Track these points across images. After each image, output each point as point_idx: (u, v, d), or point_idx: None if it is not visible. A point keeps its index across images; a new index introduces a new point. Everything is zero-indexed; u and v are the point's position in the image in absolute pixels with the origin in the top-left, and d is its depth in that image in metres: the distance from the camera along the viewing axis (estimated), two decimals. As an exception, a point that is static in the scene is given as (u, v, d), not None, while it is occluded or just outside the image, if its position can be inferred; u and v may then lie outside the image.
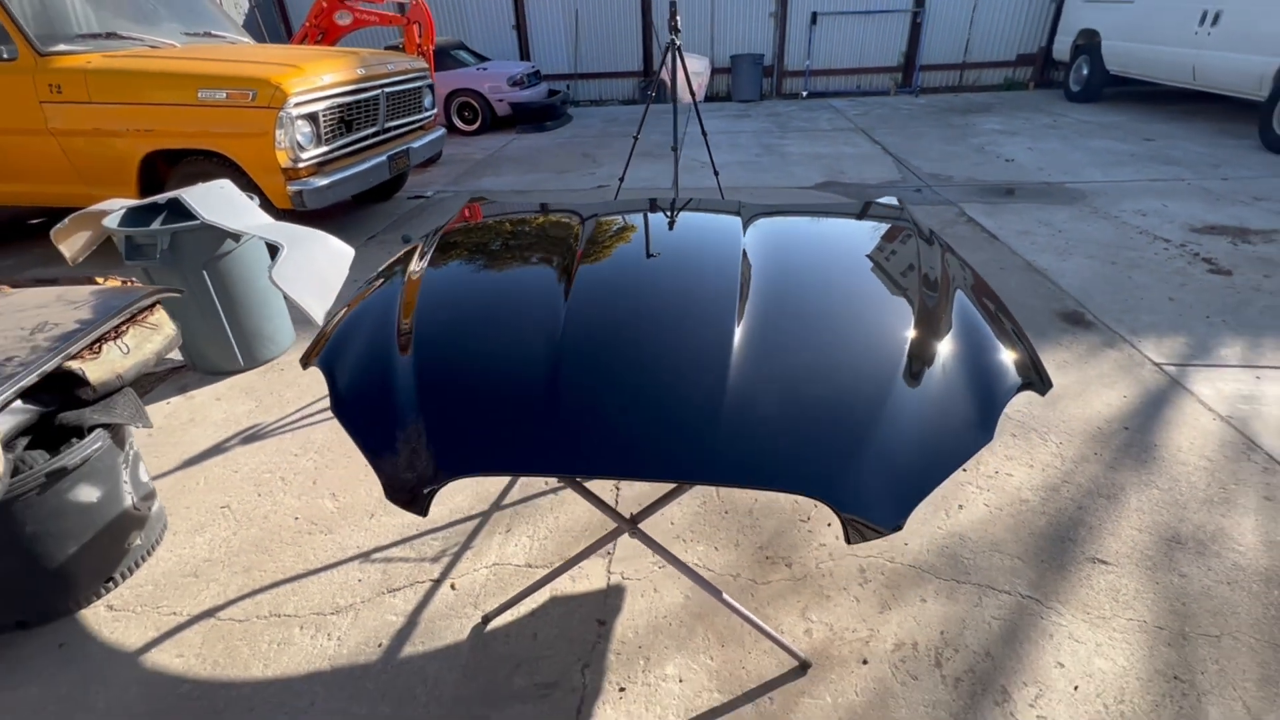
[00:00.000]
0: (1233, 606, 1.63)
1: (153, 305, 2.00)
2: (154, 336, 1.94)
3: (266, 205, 3.87)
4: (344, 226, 5.05)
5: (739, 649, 1.58)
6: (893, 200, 2.03)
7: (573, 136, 8.40)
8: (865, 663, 1.54)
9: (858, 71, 10.85)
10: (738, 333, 1.23)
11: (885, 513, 0.99)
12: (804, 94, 10.87)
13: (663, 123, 8.54)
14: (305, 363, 1.37)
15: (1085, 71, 8.63)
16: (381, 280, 1.62)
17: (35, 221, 5.43)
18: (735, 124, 8.68)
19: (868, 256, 1.64)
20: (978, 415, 1.12)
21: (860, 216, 1.95)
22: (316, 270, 2.42)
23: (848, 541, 0.97)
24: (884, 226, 1.83)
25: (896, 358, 1.18)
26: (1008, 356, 1.23)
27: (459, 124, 8.86)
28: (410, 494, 1.05)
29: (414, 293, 1.48)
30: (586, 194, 5.64)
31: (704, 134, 3.67)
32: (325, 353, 1.35)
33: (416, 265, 1.64)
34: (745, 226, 1.72)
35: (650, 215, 1.98)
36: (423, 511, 1.05)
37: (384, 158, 4.48)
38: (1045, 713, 1.42)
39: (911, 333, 1.25)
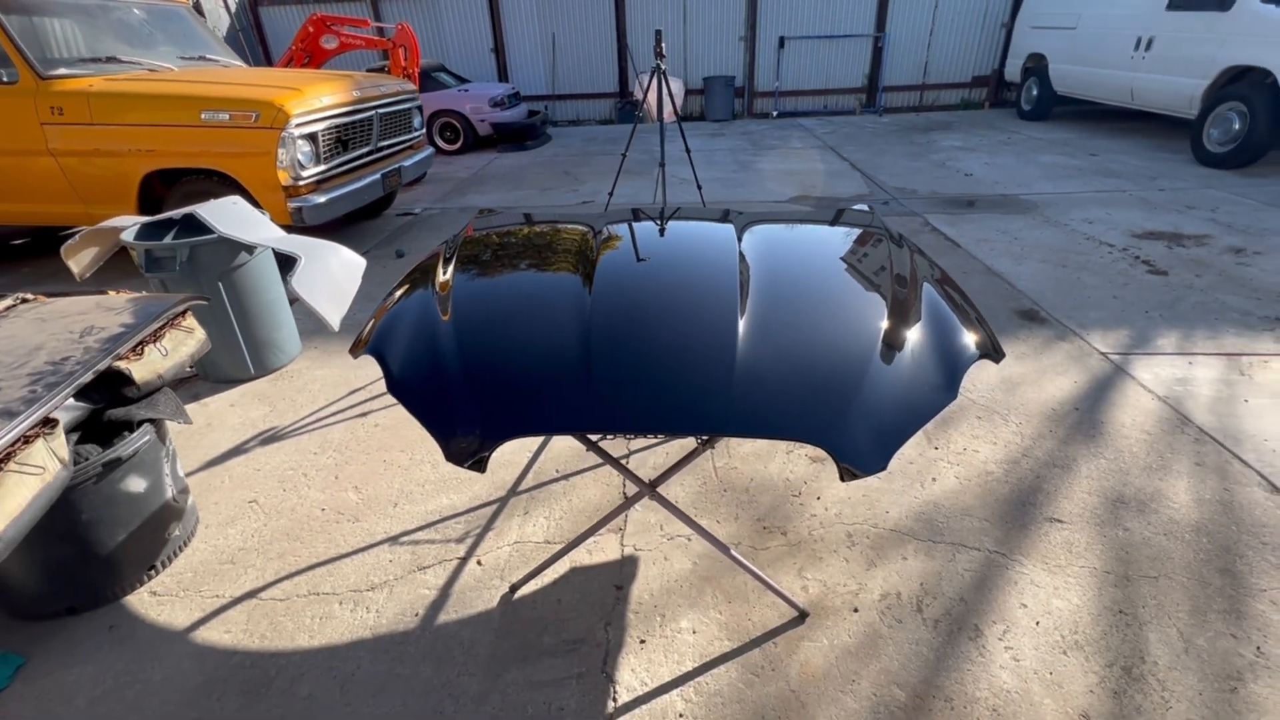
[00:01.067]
0: (1169, 553, 1.88)
1: (185, 311, 2.14)
2: (188, 340, 2.07)
3: (267, 222, 3.99)
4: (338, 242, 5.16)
5: (744, 604, 1.77)
6: (864, 207, 2.28)
7: (554, 155, 8.64)
8: (856, 611, 1.73)
9: (825, 92, 11.36)
10: (741, 316, 1.44)
11: (872, 457, 1.19)
12: (774, 114, 11.32)
13: (640, 141, 8.85)
14: (355, 352, 1.54)
15: (1035, 92, 9.21)
16: (415, 278, 1.79)
17: (18, 242, 5.43)
18: (710, 142, 9.02)
19: (847, 256, 1.87)
20: (944, 379, 1.34)
21: (836, 222, 2.19)
22: (332, 279, 2.57)
23: (841, 479, 1.17)
24: (858, 231, 2.07)
25: (875, 334, 1.40)
26: (968, 333, 1.46)
27: (441, 144, 9.04)
28: (471, 455, 1.23)
29: (450, 285, 1.66)
30: (571, 210, 5.85)
31: (687, 150, 3.92)
32: (374, 340, 1.52)
33: (444, 264, 1.82)
34: (739, 232, 1.95)
35: (651, 223, 2.20)
36: (482, 468, 1.22)
37: (377, 176, 4.64)
38: (1012, 644, 1.63)
39: (887, 315, 1.47)
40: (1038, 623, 1.68)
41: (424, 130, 5.56)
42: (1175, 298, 3.52)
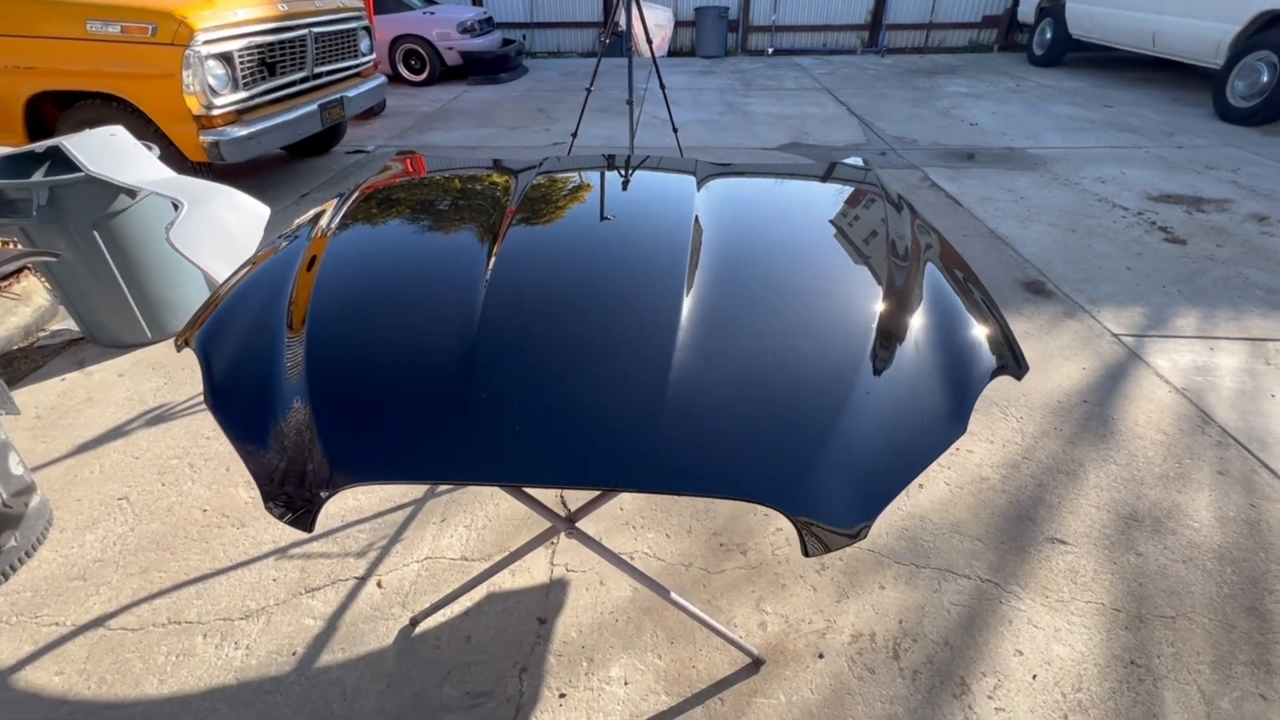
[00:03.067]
0: (1188, 586, 1.61)
1: (17, 272, 1.73)
2: (18, 309, 1.67)
3: (177, 157, 3.48)
4: (272, 183, 4.65)
5: (689, 646, 1.48)
6: (858, 161, 1.89)
7: (529, 90, 7.96)
8: (821, 657, 1.45)
9: (825, 28, 10.56)
10: (684, 311, 1.08)
11: (846, 520, 0.86)
12: (770, 51, 10.55)
13: (622, 77, 8.15)
14: (179, 344, 1.16)
15: (1049, 35, 8.57)
16: (280, 247, 1.40)
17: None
18: (699, 80, 8.35)
19: (831, 223, 1.49)
20: (949, 405, 1.00)
21: (824, 179, 1.80)
22: (223, 231, 2.15)
23: (805, 553, 0.84)
24: (849, 190, 1.69)
25: (862, 340, 1.05)
26: (981, 337, 1.11)
27: (405, 74, 8.29)
28: (294, 505, 0.88)
29: (315, 264, 1.27)
30: (540, 152, 5.33)
31: (663, 88, 3.44)
32: (204, 332, 1.15)
33: (320, 232, 1.42)
34: (699, 187, 1.56)
35: (595, 175, 1.79)
36: (308, 526, 0.88)
37: (314, 106, 4.09)
38: (1004, 704, 1.36)
39: (879, 310, 1.12)
40: (1035, 676, 1.41)
41: (373, 55, 4.94)
42: (1195, 271, 3.19)
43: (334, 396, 0.97)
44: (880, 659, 1.45)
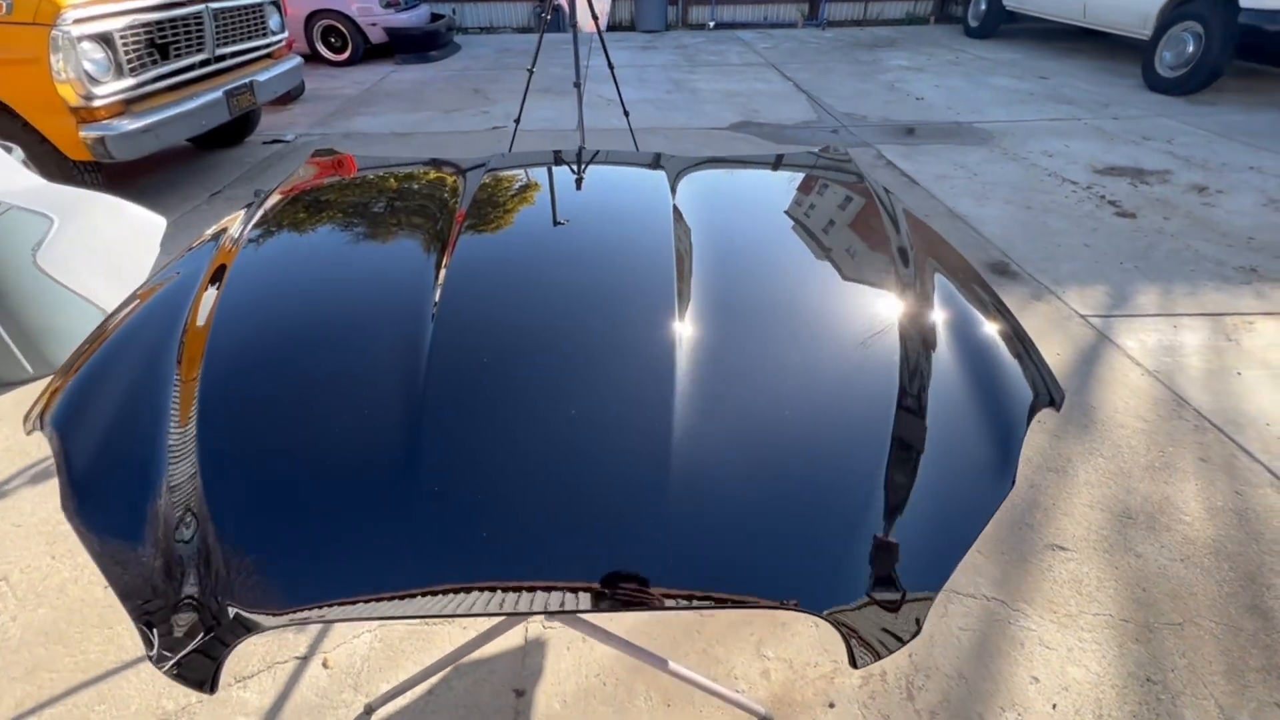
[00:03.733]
0: (1189, 587, 1.56)
1: None
2: None
3: (55, 158, 3.02)
4: (178, 180, 4.16)
5: (689, 708, 1.33)
6: (839, 151, 1.73)
7: (463, 69, 7.49)
8: (832, 706, 1.33)
9: (765, 2, 10.39)
10: (680, 350, 0.89)
11: (901, 617, 0.71)
12: (711, 25, 10.31)
13: (562, 54, 7.77)
14: (29, 426, 0.90)
15: (983, 7, 8.66)
16: (165, 284, 1.13)
17: None
18: (641, 56, 8.06)
19: (824, 228, 1.33)
20: (994, 450, 0.86)
21: (804, 170, 1.63)
22: (106, 249, 1.82)
23: (853, 664, 0.69)
24: (835, 185, 1.53)
25: (888, 378, 0.90)
26: (1013, 365, 0.98)
27: (325, 53, 7.65)
28: (191, 666, 0.66)
29: (210, 304, 1.02)
30: (480, 137, 4.98)
31: (610, 67, 3.20)
32: (60, 411, 0.89)
33: (221, 259, 1.16)
34: (674, 187, 1.36)
35: (553, 173, 1.57)
36: (209, 687, 0.66)
37: (219, 93, 3.64)
38: (1027, 742, 1.27)
39: (899, 339, 0.96)
40: (1054, 705, 1.33)
41: (285, 34, 4.46)
42: (1147, 245, 3.22)
43: (238, 500, 0.75)
44: (894, 701, 1.34)
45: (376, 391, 0.85)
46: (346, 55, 7.65)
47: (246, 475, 0.79)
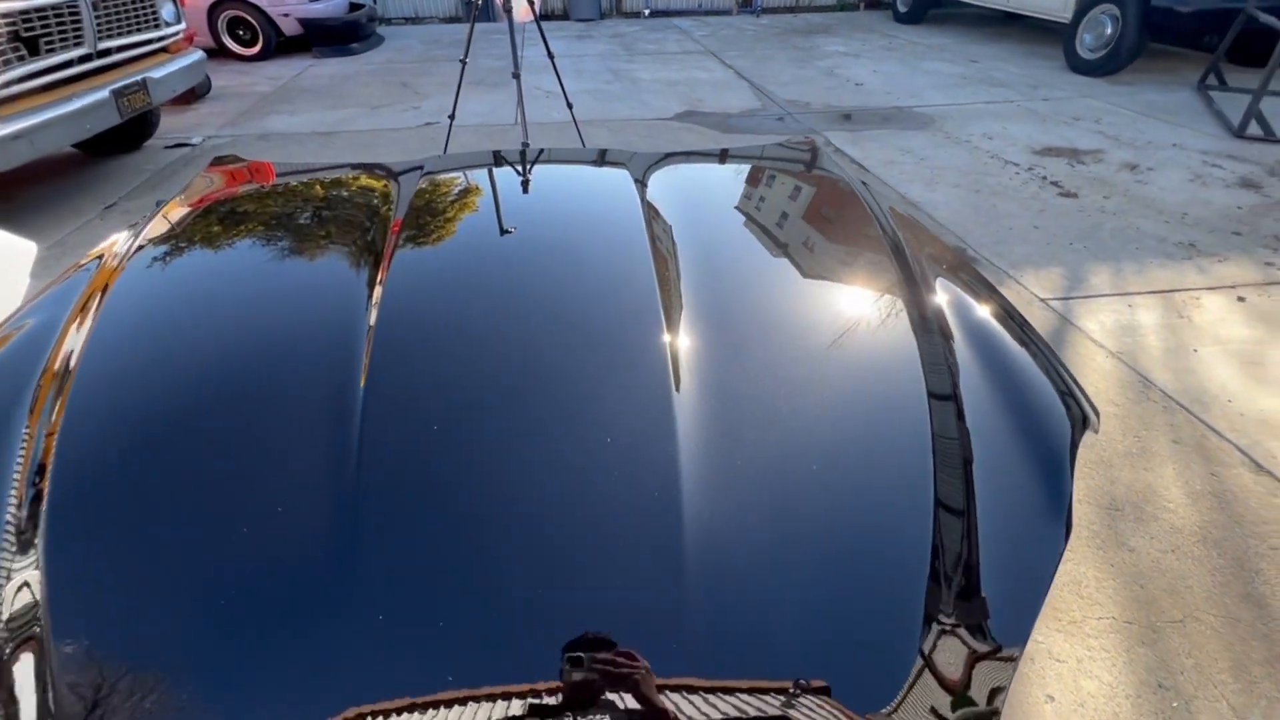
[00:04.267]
0: (1184, 580, 1.53)
1: None
2: None
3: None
4: (66, 192, 3.70)
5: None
6: (801, 142, 1.61)
7: (388, 62, 7.06)
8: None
9: (699, -12, 10.29)
10: (678, 402, 0.74)
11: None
12: (646, 12, 10.14)
13: (492, 45, 7.43)
14: None
15: (912, -8, 8.82)
16: (26, 319, 0.90)
17: None
18: (578, 46, 7.82)
19: (816, 231, 1.20)
20: (1043, 492, 0.75)
21: (776, 165, 1.50)
22: (-41, 286, 1.52)
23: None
24: (814, 183, 1.41)
25: (919, 413, 0.77)
26: (1041, 381, 0.87)
27: (233, 46, 7.07)
28: None
29: (78, 344, 0.81)
30: (411, 135, 4.67)
31: (550, 56, 2.99)
32: None
33: (97, 285, 0.94)
34: (642, 191, 1.20)
35: (503, 177, 1.39)
36: None
37: (105, 93, 3.23)
38: (1051, 770, 1.19)
39: (921, 362, 0.84)
40: (1073, 725, 1.26)
41: (182, 25, 4.02)
42: (1092, 225, 3.28)
43: (96, 620, 0.55)
44: (910, 740, 1.23)
45: (293, 472, 0.66)
46: (258, 49, 7.09)
47: (109, 582, 0.59)
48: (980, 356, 0.89)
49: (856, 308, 0.98)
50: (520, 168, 1.41)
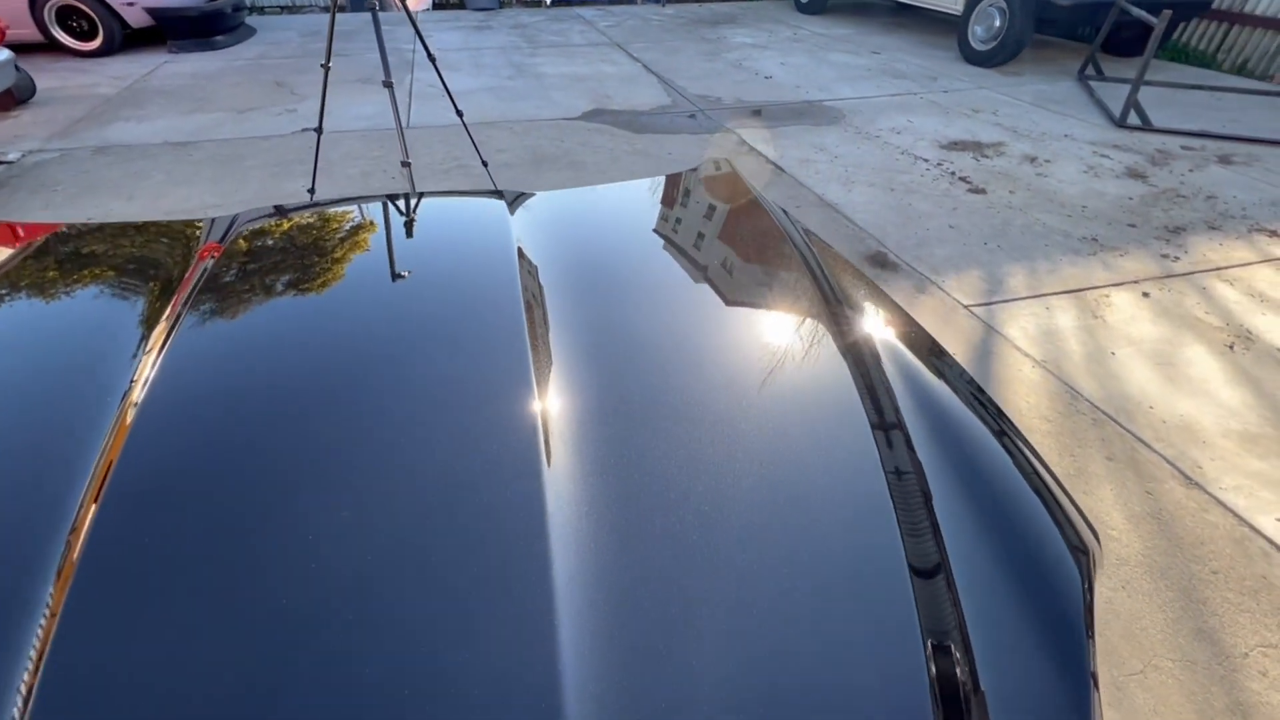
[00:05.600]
0: (1139, 621, 1.46)
1: None
2: None
3: None
4: None
5: None
6: (723, 167, 1.40)
7: (259, 57, 6.33)
8: None
9: (601, -24, 9.96)
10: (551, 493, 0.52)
11: None
12: (548, 1, 9.71)
13: (385, 36, 6.83)
14: None
15: (812, -18, 8.89)
16: None
17: None
18: (477, 38, 7.33)
19: (740, 279, 1.00)
20: (1055, 694, 0.57)
21: (684, 191, 1.29)
22: None
23: None
24: (727, 214, 1.20)
25: (899, 575, 0.58)
26: (1038, 512, 0.70)
27: (67, 40, 6.10)
28: None
29: None
30: (285, 142, 4.13)
31: (432, 59, 2.63)
32: None
33: None
34: (513, 215, 0.96)
35: (322, 228, 1.10)
36: None
37: None
38: None
39: (888, 490, 0.65)
40: (1053, 822, 1.14)
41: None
42: (1003, 221, 3.30)
43: None
44: None
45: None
46: (98, 43, 6.16)
47: None
48: (961, 476, 0.71)
49: (800, 389, 0.78)
50: (359, 215, 1.12)
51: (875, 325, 0.95)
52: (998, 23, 6.06)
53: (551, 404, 0.69)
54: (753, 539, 0.59)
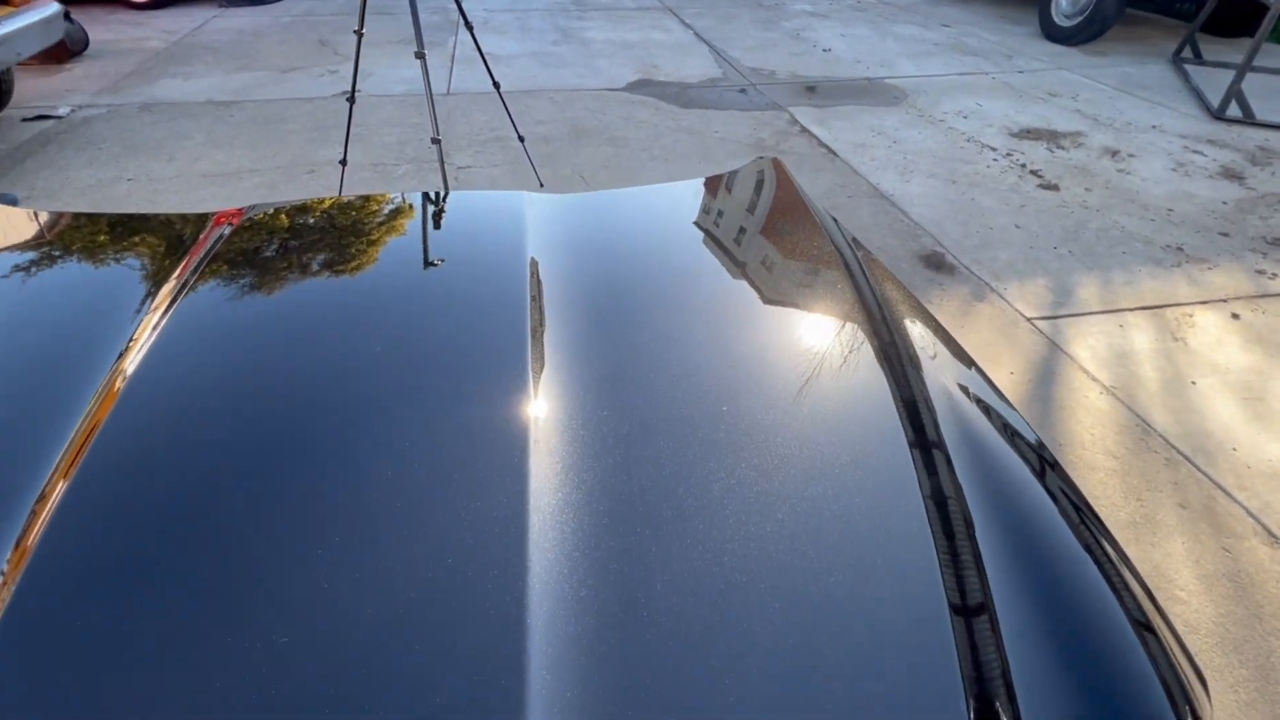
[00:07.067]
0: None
1: None
2: None
3: None
4: (-111, 180, 3.06)
5: None
6: (766, 163, 1.25)
7: (305, 14, 6.26)
8: None
9: (656, -66, 9.50)
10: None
11: None
12: (599, -40, 9.33)
13: (415, 5, 6.67)
14: None
15: (881, -55, 8.29)
16: None
17: None
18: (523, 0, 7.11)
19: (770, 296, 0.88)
20: None
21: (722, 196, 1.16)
22: None
23: None
24: (773, 220, 1.07)
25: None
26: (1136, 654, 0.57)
27: (121, -8, 6.14)
28: None
29: None
30: (325, 105, 4.07)
31: (467, 25, 2.50)
32: None
33: None
34: (531, 254, 0.86)
35: (330, 224, 1.01)
36: None
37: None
38: None
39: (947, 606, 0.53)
40: None
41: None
42: (1076, 224, 3.02)
43: None
44: None
45: None
46: (151, -4, 6.18)
47: None
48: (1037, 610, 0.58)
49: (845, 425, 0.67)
50: (346, 218, 1.03)
51: (925, 357, 0.82)
52: (1086, -5, 5.54)
53: (542, 408, 0.65)
54: (770, 553, 0.53)
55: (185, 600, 0.49)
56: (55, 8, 3.48)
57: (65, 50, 4.65)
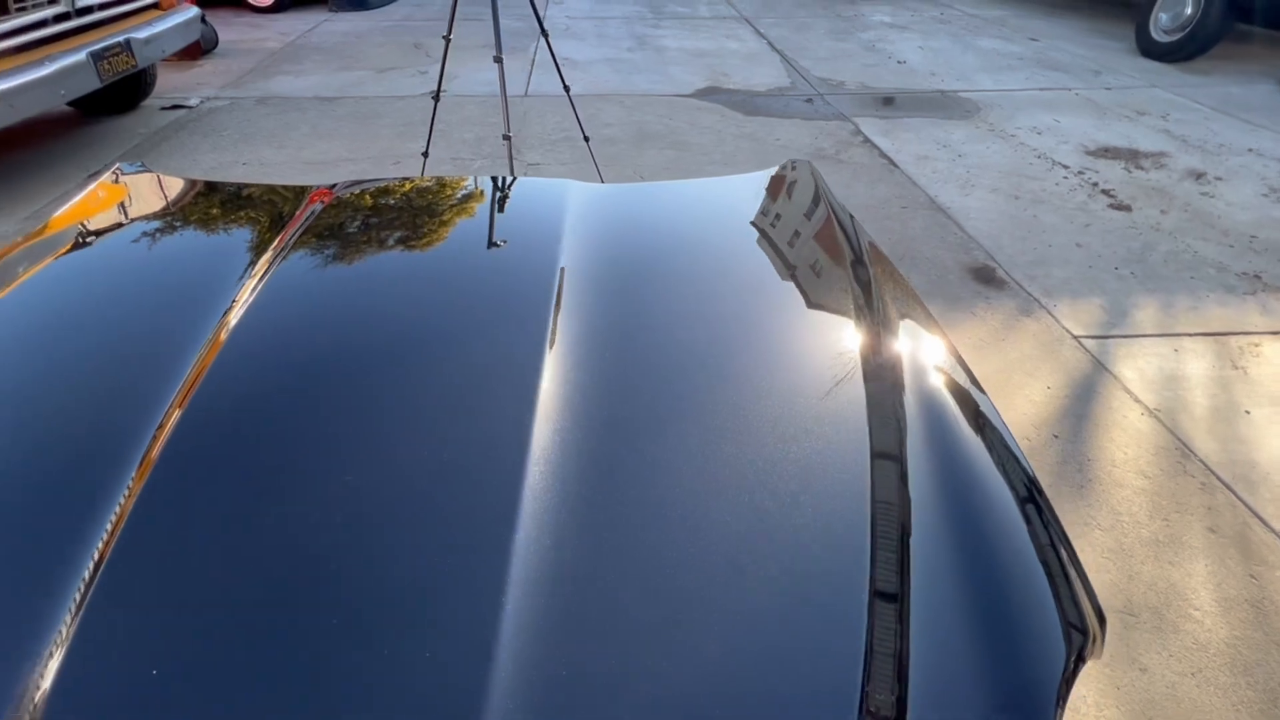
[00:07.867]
0: (1202, 714, 1.32)
1: None
2: None
3: None
4: (54, 157, 3.59)
5: None
6: (802, 167, 1.36)
7: (404, 19, 6.75)
8: None
9: (740, -56, 9.61)
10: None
11: None
12: (682, -30, 9.52)
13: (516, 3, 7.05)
14: None
15: (971, -44, 8.08)
16: None
17: None
18: (603, 6, 7.38)
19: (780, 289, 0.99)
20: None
21: (747, 196, 1.27)
22: None
23: None
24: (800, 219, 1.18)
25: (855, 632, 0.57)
26: (1029, 556, 0.66)
27: (248, -3, 6.83)
28: None
29: None
30: (414, 103, 4.43)
31: (542, 30, 2.72)
32: None
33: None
34: (563, 255, 1.00)
35: (410, 206, 1.20)
36: None
37: (82, 55, 3.06)
38: None
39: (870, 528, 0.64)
40: None
41: (175, -21, 3.82)
42: (1144, 245, 2.93)
43: None
44: None
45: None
46: (273, 1, 6.84)
47: None
48: (951, 524, 0.67)
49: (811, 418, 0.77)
50: (436, 197, 1.21)
51: (914, 359, 0.90)
52: (1189, 9, 5.25)
53: (550, 396, 0.73)
54: (717, 544, 0.62)
55: (289, 543, 0.59)
56: (194, 11, 3.97)
57: (199, 49, 5.24)
